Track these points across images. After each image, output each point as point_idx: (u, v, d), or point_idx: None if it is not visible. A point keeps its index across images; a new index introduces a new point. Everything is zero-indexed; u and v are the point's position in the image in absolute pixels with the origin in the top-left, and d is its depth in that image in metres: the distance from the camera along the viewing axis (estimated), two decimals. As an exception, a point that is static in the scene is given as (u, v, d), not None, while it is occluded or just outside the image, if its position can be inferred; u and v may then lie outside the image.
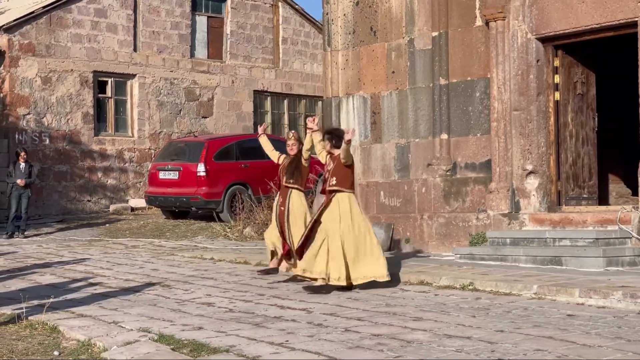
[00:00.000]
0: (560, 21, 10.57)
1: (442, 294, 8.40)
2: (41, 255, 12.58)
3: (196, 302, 8.23)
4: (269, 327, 6.81)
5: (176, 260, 11.91)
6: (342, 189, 8.92)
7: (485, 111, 11.39)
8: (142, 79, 20.58)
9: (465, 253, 10.57)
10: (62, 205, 19.11)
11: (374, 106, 12.82)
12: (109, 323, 7.08)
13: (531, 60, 10.87)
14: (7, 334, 6.78)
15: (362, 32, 12.92)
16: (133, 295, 8.72)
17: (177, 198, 17.24)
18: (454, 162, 11.75)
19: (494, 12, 11.00)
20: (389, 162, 12.58)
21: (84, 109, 19.58)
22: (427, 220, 11.92)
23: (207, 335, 6.50)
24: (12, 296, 8.58)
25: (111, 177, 20.00)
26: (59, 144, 19.17)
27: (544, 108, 10.90)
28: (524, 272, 9.15)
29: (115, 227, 16.83)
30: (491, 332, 6.42)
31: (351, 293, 8.61)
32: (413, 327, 6.71)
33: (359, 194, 12.84)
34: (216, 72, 22.07)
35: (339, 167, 8.96)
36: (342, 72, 13.20)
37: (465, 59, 11.59)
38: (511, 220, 10.85)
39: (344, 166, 8.97)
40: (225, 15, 22.42)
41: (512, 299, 7.96)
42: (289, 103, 23.89)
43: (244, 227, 15.52)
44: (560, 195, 10.91)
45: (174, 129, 21.14)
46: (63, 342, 6.55)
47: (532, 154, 10.88)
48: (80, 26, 19.54)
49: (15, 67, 18.49)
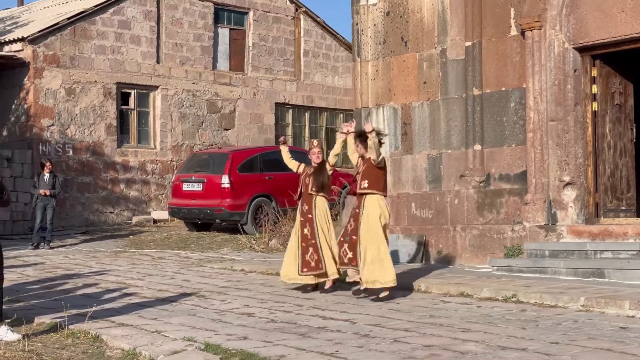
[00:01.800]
0: (599, 30, 10.44)
1: (485, 306, 8.24)
2: (69, 266, 12.48)
3: (235, 312, 8.10)
4: (316, 338, 6.68)
5: (206, 271, 11.79)
6: (373, 192, 8.82)
7: (520, 122, 11.25)
8: (165, 91, 20.55)
9: (502, 265, 10.40)
10: (85, 216, 19.05)
11: (405, 117, 12.70)
12: (151, 332, 6.96)
13: (568, 70, 10.73)
14: (50, 343, 6.67)
15: (392, 42, 12.83)
16: (170, 305, 8.60)
17: (201, 210, 17.13)
18: (487, 174, 11.60)
19: (530, 21, 10.88)
20: (420, 173, 12.44)
21: (107, 120, 19.55)
22: (460, 232, 11.76)
23: (253, 345, 6.37)
24: (48, 306, 8.49)
25: (133, 188, 19.94)
26: (82, 156, 19.13)
27: (581, 119, 10.75)
28: (566, 285, 8.97)
29: (139, 239, 16.73)
30: (546, 344, 6.26)
31: (392, 304, 8.45)
32: (463, 338, 6.56)
33: (389, 205, 12.70)
34: (238, 84, 22.02)
35: (370, 168, 8.88)
36: (372, 82, 13.09)
37: (500, 69, 11.47)
38: (548, 232, 10.68)
39: (376, 168, 8.88)
40: (247, 27, 22.40)
41: (559, 311, 7.79)
42: (310, 116, 23.81)
43: (269, 239, 15.38)
44: (598, 207, 10.73)
45: (196, 141, 21.08)
46: (107, 351, 6.43)
47: (569, 165, 10.72)
48: (104, 38, 19.54)
49: (39, 78, 18.49)
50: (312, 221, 9.68)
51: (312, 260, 9.63)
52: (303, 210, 9.81)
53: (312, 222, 9.68)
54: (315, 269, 9.61)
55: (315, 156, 9.90)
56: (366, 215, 8.88)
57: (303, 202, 9.86)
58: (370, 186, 8.90)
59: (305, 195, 9.86)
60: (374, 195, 8.89)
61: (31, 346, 6.43)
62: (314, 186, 9.75)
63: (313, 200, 9.75)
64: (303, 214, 9.79)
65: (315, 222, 9.66)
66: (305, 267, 9.59)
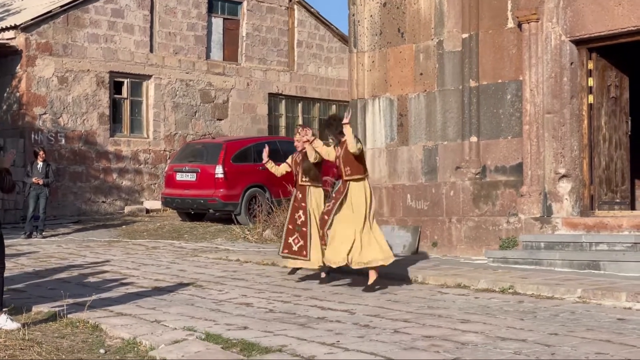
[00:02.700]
0: (596, 23, 10.46)
1: (483, 297, 8.27)
2: (63, 255, 12.44)
3: (233, 302, 8.10)
4: (316, 328, 6.69)
5: (201, 261, 11.78)
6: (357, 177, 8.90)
7: (516, 114, 11.27)
8: (158, 80, 20.48)
9: (498, 257, 10.44)
10: (77, 206, 18.98)
11: (401, 108, 12.70)
12: (151, 322, 6.95)
13: (565, 63, 10.76)
14: (50, 332, 6.65)
15: (389, 33, 12.81)
16: (167, 295, 8.59)
17: (195, 200, 17.11)
18: (483, 165, 11.63)
19: (527, 13, 10.89)
20: (416, 164, 12.45)
21: (100, 109, 19.47)
22: (455, 224, 11.79)
23: (254, 335, 6.37)
24: (45, 294, 8.46)
25: (126, 178, 19.88)
26: (75, 145, 19.05)
27: (577, 111, 10.79)
28: (562, 276, 9.02)
29: (132, 229, 16.69)
30: (545, 335, 6.30)
31: (390, 295, 8.47)
32: (463, 329, 6.59)
33: (385, 197, 12.73)
34: (231, 75, 21.97)
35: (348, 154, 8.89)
36: (368, 73, 13.08)
37: (496, 61, 11.48)
38: (543, 224, 10.72)
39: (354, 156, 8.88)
40: (241, 17, 22.33)
41: (556, 303, 7.83)
42: (303, 106, 23.78)
43: (263, 229, 15.37)
44: (593, 199, 10.78)
45: (189, 130, 21.02)
46: (107, 341, 6.42)
47: (564, 158, 10.76)
48: (97, 26, 19.44)
49: (32, 67, 18.38)
50: (305, 209, 9.66)
51: (294, 244, 9.60)
52: (297, 197, 9.79)
53: (305, 209, 9.66)
54: (298, 254, 9.57)
55: (300, 144, 9.75)
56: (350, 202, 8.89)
57: (297, 191, 9.85)
58: (353, 172, 8.94)
59: (298, 184, 9.85)
60: (359, 182, 8.92)
61: (31, 335, 6.41)
62: (305, 175, 9.73)
63: (307, 189, 9.74)
64: (297, 201, 9.77)
65: (308, 211, 9.64)
66: (286, 249, 9.65)
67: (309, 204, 9.65)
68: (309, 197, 9.68)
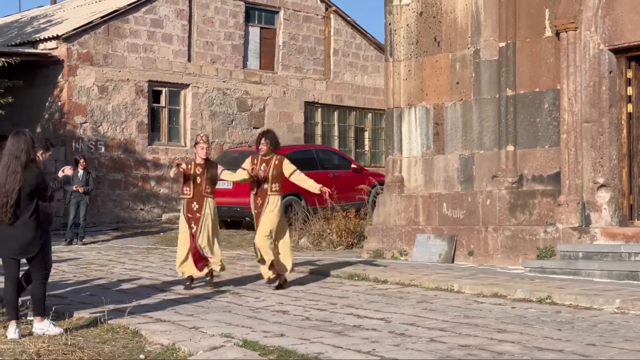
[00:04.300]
0: (635, 32, 10.38)
1: (520, 307, 8.23)
2: (103, 262, 12.64)
3: (270, 309, 8.17)
4: (352, 336, 6.73)
5: (237, 269, 11.88)
6: (278, 193, 9.77)
7: (553, 123, 11.21)
8: (196, 89, 20.71)
9: (536, 266, 10.37)
10: (116, 213, 19.25)
11: (437, 117, 12.70)
12: (189, 328, 7.05)
13: (603, 72, 10.68)
14: (91, 337, 6.78)
15: (425, 42, 12.84)
16: (205, 301, 8.69)
17: (231, 208, 17.23)
18: (520, 174, 11.58)
19: (565, 22, 10.84)
20: (452, 173, 12.44)
21: (139, 118, 19.75)
22: (492, 233, 11.74)
23: (291, 342, 6.43)
24: (85, 300, 8.62)
25: (164, 186, 20.11)
26: (114, 153, 19.33)
27: (616, 120, 10.70)
28: (601, 287, 8.94)
29: (169, 236, 16.87)
30: (583, 346, 6.26)
31: (426, 304, 8.48)
32: (500, 338, 6.58)
33: (420, 205, 12.73)
34: (268, 83, 22.13)
35: (280, 174, 9.73)
36: (404, 82, 13.11)
37: (534, 70, 11.44)
38: (582, 234, 10.63)
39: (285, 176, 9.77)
40: (277, 26, 22.50)
41: (594, 313, 7.77)
42: (339, 115, 23.85)
43: (299, 237, 15.46)
44: (632, 209, 10.68)
45: (226, 139, 21.21)
46: (147, 346, 6.53)
47: (603, 167, 10.67)
48: (136, 36, 19.73)
49: (73, 76, 18.71)
50: (198, 220, 9.57)
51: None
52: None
53: (198, 221, 9.57)
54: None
55: (203, 152, 9.73)
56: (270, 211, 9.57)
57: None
58: (280, 189, 9.76)
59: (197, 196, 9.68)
60: (277, 195, 9.71)
61: (73, 340, 6.55)
62: (208, 186, 9.69)
63: (205, 200, 9.66)
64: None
65: (201, 221, 9.58)
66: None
67: (204, 214, 9.60)
68: (206, 208, 9.64)
